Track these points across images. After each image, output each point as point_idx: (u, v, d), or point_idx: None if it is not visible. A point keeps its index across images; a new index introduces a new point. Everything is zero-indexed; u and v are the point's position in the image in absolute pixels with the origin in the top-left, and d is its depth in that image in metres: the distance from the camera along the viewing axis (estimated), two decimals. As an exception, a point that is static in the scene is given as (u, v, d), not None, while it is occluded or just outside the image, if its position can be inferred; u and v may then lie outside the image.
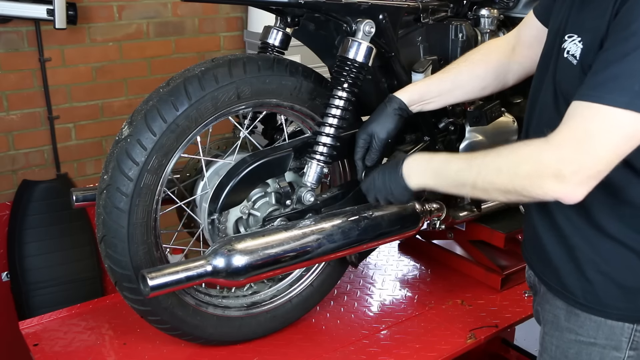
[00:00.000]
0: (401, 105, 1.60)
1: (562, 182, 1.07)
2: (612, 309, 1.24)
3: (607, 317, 1.25)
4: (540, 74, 1.35)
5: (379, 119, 1.61)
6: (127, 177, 1.43)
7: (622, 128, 1.03)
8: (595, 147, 1.04)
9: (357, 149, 1.62)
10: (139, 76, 3.44)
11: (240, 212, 1.62)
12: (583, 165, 1.06)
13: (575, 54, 1.16)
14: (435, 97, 1.62)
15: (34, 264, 3.02)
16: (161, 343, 1.73)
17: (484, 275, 2.11)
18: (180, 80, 1.46)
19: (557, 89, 1.24)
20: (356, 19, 1.56)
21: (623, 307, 1.24)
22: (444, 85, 1.61)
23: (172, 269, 1.37)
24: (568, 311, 1.31)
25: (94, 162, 3.42)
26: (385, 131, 1.60)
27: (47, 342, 1.75)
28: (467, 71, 1.60)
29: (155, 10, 3.41)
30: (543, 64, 1.34)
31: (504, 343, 2.57)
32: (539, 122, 1.31)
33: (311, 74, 1.65)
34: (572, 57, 1.17)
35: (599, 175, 1.07)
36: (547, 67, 1.30)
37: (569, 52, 1.18)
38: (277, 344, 1.76)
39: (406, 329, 1.85)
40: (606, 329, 1.26)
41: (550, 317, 1.36)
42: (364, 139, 1.61)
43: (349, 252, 1.67)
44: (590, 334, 1.27)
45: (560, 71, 1.22)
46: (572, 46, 1.17)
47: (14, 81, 3.09)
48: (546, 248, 1.34)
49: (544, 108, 1.29)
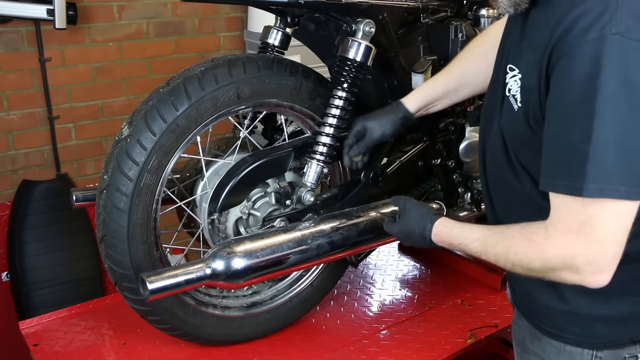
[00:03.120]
0: (406, 115, 1.61)
1: (578, 274, 1.02)
2: (569, 334, 1.21)
3: (565, 342, 1.22)
4: (490, 93, 1.27)
5: (380, 119, 1.61)
6: (127, 177, 1.43)
7: (615, 211, 0.96)
8: (596, 235, 0.98)
9: (349, 135, 1.63)
10: (139, 76, 3.43)
11: (240, 212, 1.62)
12: (592, 256, 0.99)
13: (516, 97, 1.10)
14: (442, 99, 1.62)
15: (34, 264, 3.02)
16: (161, 343, 1.73)
17: (484, 275, 2.11)
18: (180, 80, 1.46)
19: (504, 136, 1.17)
20: (356, 19, 1.56)
21: (579, 332, 1.20)
22: (449, 86, 1.60)
23: (172, 272, 1.37)
24: (531, 334, 1.29)
25: (94, 162, 3.42)
26: (380, 132, 1.61)
27: (47, 342, 1.75)
28: (471, 67, 1.58)
29: (155, 10, 3.40)
30: (492, 85, 1.26)
31: (504, 343, 2.56)
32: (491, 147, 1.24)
33: (311, 74, 1.65)
34: (513, 99, 1.11)
35: (616, 256, 1.00)
36: (494, 91, 1.22)
37: (510, 90, 1.12)
38: (277, 344, 1.76)
39: (406, 329, 1.85)
40: (566, 355, 1.22)
41: (519, 336, 1.35)
42: (358, 129, 1.62)
43: (349, 254, 1.67)
44: (552, 358, 1.25)
45: (504, 107, 1.15)
46: (514, 85, 1.11)
47: (14, 81, 3.09)
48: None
49: (495, 134, 1.21)
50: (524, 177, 1.16)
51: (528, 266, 1.08)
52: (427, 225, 1.33)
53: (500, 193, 1.27)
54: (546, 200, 1.06)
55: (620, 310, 1.16)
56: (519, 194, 1.18)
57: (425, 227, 1.33)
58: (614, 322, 1.17)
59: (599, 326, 1.18)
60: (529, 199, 1.16)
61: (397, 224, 1.43)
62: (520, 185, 1.17)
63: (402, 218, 1.42)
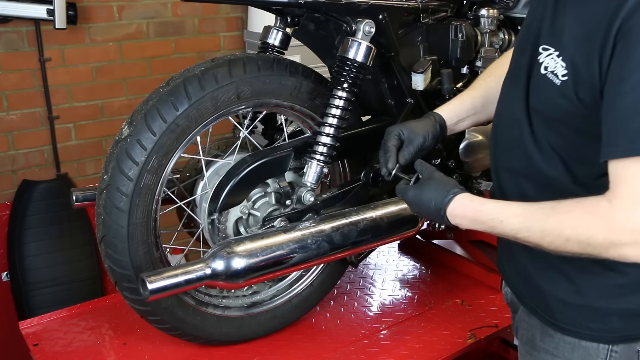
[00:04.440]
0: (442, 123, 1.50)
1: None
2: (585, 329, 1.20)
3: (581, 338, 1.21)
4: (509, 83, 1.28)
5: (419, 125, 1.49)
6: (127, 177, 1.43)
7: None
8: None
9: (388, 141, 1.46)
10: (139, 76, 3.43)
11: (240, 212, 1.62)
12: None
13: (556, 72, 1.09)
14: (469, 117, 1.53)
15: (34, 264, 3.02)
16: (161, 343, 1.73)
17: (484, 275, 2.11)
18: (180, 80, 1.46)
19: (530, 105, 1.17)
20: (356, 18, 1.56)
21: (596, 327, 1.19)
22: (477, 102, 1.52)
23: (172, 272, 1.37)
24: (542, 331, 1.28)
25: (94, 162, 3.42)
26: (422, 137, 1.46)
27: (47, 342, 1.75)
28: (496, 86, 1.47)
29: (155, 10, 3.40)
30: (512, 73, 1.27)
31: (504, 343, 2.57)
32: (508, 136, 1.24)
33: (311, 74, 1.65)
34: (552, 75, 1.09)
35: None
36: (516, 77, 1.22)
37: (547, 68, 1.10)
38: (277, 344, 1.77)
39: (406, 329, 1.85)
40: (581, 350, 1.22)
41: (528, 335, 1.34)
42: (397, 133, 1.46)
43: (349, 254, 1.67)
44: (566, 355, 1.24)
45: (534, 87, 1.15)
46: (551, 62, 1.10)
47: (14, 81, 3.09)
48: (521, 266, 1.30)
49: (513, 123, 1.21)
50: (554, 160, 1.15)
51: (587, 241, 1.03)
52: (446, 197, 1.23)
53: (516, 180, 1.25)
54: (575, 184, 1.08)
55: (638, 304, 1.16)
56: (544, 178, 1.17)
57: (443, 199, 1.23)
58: (631, 316, 1.17)
59: (615, 320, 1.18)
60: (555, 181, 1.15)
61: (413, 188, 1.31)
62: (550, 169, 1.16)
63: (420, 184, 1.31)
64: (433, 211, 1.25)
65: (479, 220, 1.19)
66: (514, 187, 1.25)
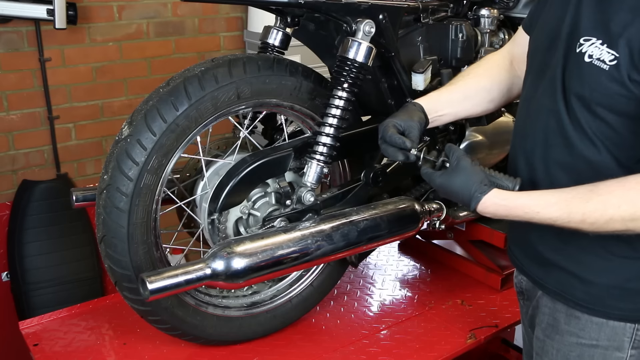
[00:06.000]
0: (423, 111, 1.50)
1: None
2: (614, 310, 1.25)
3: (609, 318, 1.25)
4: (533, 80, 1.32)
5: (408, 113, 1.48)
6: (127, 177, 1.43)
7: None
8: None
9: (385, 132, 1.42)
10: (139, 76, 3.44)
11: (240, 212, 1.62)
12: None
13: (602, 59, 1.14)
14: (447, 109, 1.55)
15: (34, 264, 3.02)
16: (161, 343, 1.73)
17: (484, 275, 2.11)
18: (180, 80, 1.46)
19: (568, 94, 1.21)
20: (356, 18, 1.56)
21: (624, 307, 1.24)
22: (453, 95, 1.56)
23: (172, 272, 1.37)
24: (568, 314, 1.31)
25: (94, 162, 3.42)
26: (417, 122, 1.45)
27: (47, 342, 1.75)
28: (474, 83, 1.56)
29: (155, 10, 3.41)
30: (538, 69, 1.31)
31: (504, 343, 2.57)
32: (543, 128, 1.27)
33: (311, 74, 1.65)
34: (599, 61, 1.14)
35: None
36: (542, 73, 1.27)
37: (592, 56, 1.15)
38: (277, 344, 1.76)
39: (406, 329, 1.85)
40: (608, 330, 1.26)
41: (550, 320, 1.36)
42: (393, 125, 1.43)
43: (349, 254, 1.67)
44: (592, 336, 1.28)
45: (577, 76, 1.19)
46: (595, 50, 1.15)
47: (14, 81, 3.09)
48: (544, 255, 1.33)
49: (549, 114, 1.25)
50: (597, 145, 1.19)
51: (632, 216, 1.09)
52: (476, 195, 1.24)
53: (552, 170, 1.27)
54: (621, 167, 1.14)
55: None
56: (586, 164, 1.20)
57: (472, 196, 1.25)
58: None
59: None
60: (599, 165, 1.19)
61: (441, 176, 1.31)
62: (593, 154, 1.19)
63: (449, 172, 1.30)
64: (464, 203, 1.29)
65: (512, 215, 1.23)
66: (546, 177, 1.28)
